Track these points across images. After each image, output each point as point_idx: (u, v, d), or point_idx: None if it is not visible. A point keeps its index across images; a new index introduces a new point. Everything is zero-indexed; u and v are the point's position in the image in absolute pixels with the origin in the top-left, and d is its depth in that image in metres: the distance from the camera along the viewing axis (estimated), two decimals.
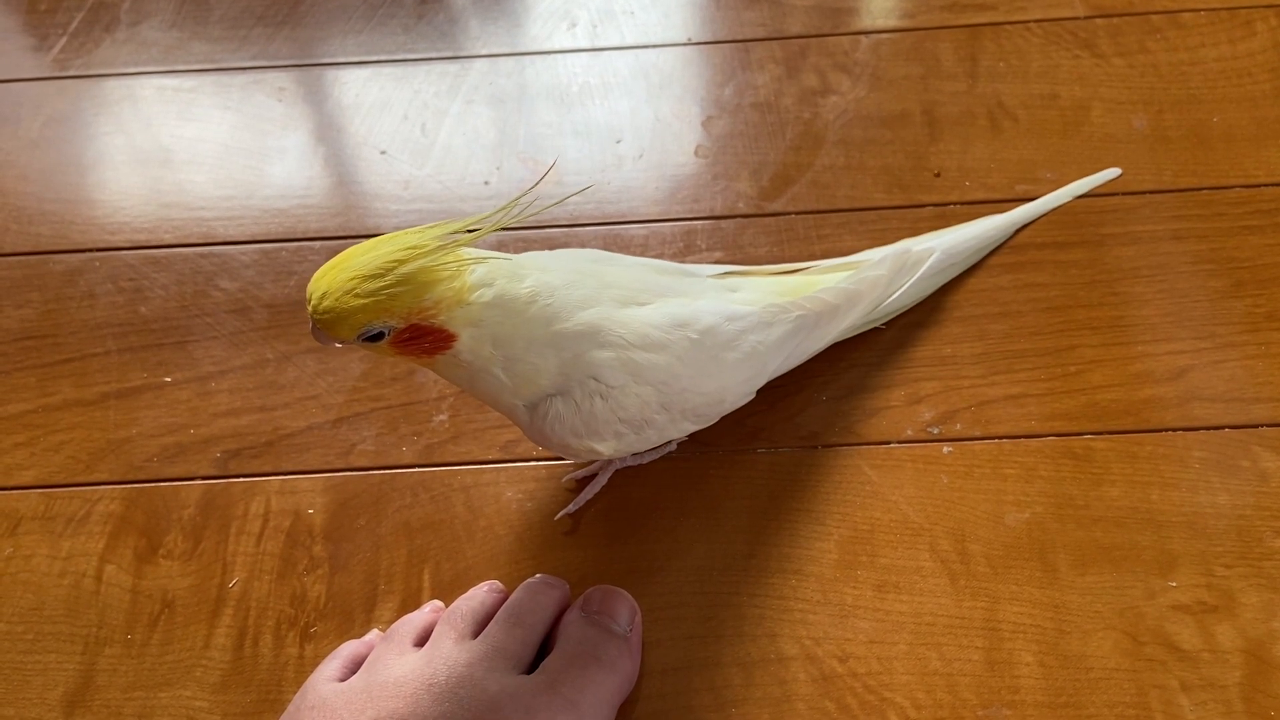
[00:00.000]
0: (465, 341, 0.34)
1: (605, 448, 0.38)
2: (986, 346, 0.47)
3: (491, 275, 0.34)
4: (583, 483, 0.44)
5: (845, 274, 0.44)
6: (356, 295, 0.32)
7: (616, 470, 0.43)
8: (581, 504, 0.43)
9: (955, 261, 0.48)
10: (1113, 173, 0.51)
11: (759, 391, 0.42)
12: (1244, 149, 0.52)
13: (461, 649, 0.36)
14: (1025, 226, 0.50)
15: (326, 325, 0.33)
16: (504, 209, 0.33)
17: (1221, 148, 0.52)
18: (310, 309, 0.33)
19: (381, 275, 0.32)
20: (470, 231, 0.33)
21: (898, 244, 0.48)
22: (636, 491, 0.43)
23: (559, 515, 0.43)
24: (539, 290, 0.35)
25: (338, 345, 0.34)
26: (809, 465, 0.44)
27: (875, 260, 0.44)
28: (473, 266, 0.34)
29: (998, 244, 0.49)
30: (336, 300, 0.32)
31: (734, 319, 0.39)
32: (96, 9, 0.62)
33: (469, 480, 0.44)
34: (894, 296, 0.45)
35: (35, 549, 0.43)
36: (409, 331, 0.33)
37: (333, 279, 0.32)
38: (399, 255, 0.32)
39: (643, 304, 0.38)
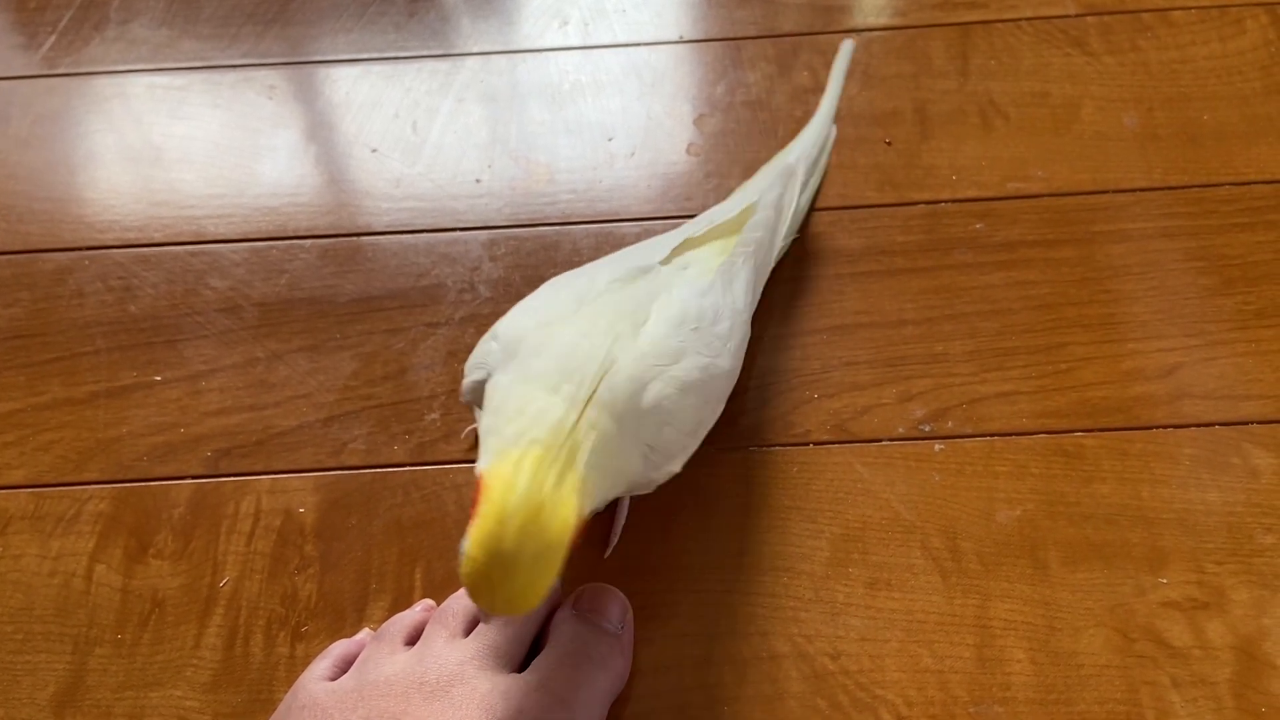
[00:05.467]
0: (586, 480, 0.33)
1: (676, 465, 0.38)
2: (978, 344, 0.47)
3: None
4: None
5: (750, 202, 0.44)
6: (534, 590, 0.30)
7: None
8: (619, 534, 0.42)
9: (817, 159, 0.51)
10: (849, 45, 0.53)
11: (751, 389, 0.43)
12: (1234, 147, 0.52)
13: (453, 648, 0.36)
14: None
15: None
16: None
17: (1212, 145, 0.52)
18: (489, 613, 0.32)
19: (539, 550, 0.30)
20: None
21: (774, 166, 0.50)
22: None
23: (607, 554, 0.42)
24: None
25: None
26: (800, 463, 0.44)
27: (766, 184, 0.46)
28: (544, 457, 0.32)
29: (828, 136, 0.52)
30: (520, 605, 0.31)
31: (705, 293, 0.39)
32: (86, 7, 0.62)
33: (461, 479, 0.44)
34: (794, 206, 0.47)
35: (25, 549, 0.43)
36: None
37: (501, 590, 0.30)
38: (527, 521, 0.30)
39: (640, 323, 0.37)
